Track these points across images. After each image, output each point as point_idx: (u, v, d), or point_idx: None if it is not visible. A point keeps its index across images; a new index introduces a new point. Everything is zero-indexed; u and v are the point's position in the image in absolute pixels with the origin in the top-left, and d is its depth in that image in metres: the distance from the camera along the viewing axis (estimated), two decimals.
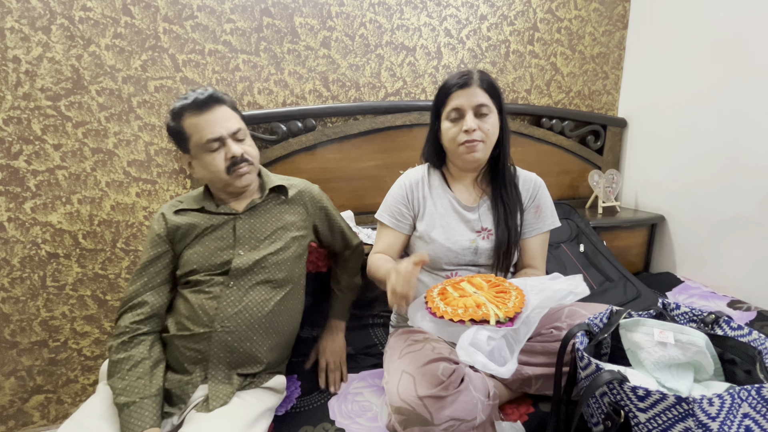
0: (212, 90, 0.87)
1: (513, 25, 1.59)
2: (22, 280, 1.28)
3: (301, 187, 1.01)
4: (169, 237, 0.89)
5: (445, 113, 0.91)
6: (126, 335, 0.81)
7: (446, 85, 0.91)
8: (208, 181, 0.93)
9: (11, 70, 1.17)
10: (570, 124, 1.68)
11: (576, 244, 1.44)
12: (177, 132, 0.87)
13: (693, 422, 0.56)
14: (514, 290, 0.74)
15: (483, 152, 0.91)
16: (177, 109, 0.86)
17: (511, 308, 0.68)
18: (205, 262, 0.87)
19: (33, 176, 1.24)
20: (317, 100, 1.46)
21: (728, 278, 1.40)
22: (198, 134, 0.85)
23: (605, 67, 1.75)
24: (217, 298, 0.84)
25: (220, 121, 0.86)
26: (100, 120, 1.27)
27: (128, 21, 1.24)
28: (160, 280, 0.88)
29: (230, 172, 0.87)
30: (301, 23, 1.39)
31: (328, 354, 1.02)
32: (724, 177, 1.38)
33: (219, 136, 0.85)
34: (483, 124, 0.88)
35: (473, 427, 0.74)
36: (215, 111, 0.86)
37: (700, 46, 1.42)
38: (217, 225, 0.90)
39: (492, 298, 0.71)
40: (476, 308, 0.68)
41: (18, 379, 1.33)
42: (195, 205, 0.92)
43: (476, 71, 0.90)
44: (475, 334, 0.65)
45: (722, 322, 0.76)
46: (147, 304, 0.85)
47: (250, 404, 0.80)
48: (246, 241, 0.90)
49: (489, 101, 0.89)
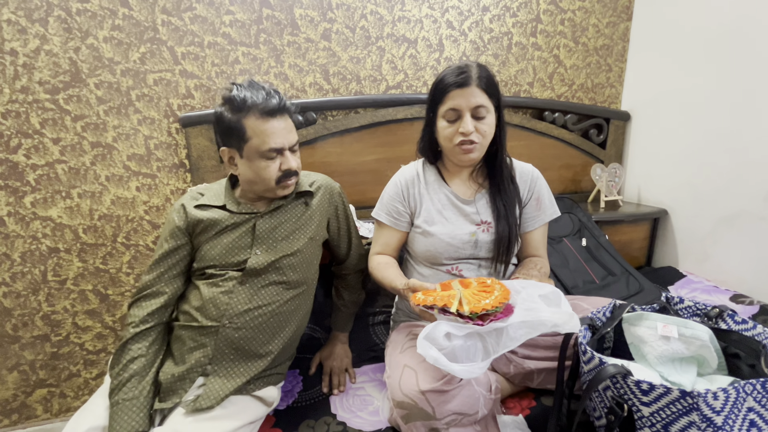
0: (284, 98, 0.85)
1: (516, 17, 1.57)
2: (23, 275, 1.28)
3: (322, 183, 1.00)
4: (188, 230, 0.88)
5: (442, 112, 0.89)
6: (136, 326, 0.81)
7: (443, 82, 0.87)
8: (249, 181, 0.89)
9: (8, 63, 1.16)
10: (573, 118, 1.67)
11: (578, 239, 1.43)
12: (235, 128, 0.82)
13: (697, 416, 0.56)
14: (498, 292, 0.69)
15: (479, 152, 0.91)
16: (240, 102, 0.81)
17: (479, 305, 0.65)
18: (222, 260, 0.87)
19: (32, 170, 1.23)
20: (318, 93, 1.45)
21: (731, 272, 1.39)
22: (260, 139, 0.82)
23: (609, 59, 1.73)
24: (230, 293, 0.84)
25: (285, 132, 0.85)
26: (99, 113, 1.26)
27: (126, 13, 1.22)
28: (176, 271, 0.88)
29: (279, 182, 0.87)
30: (301, 15, 1.37)
31: (331, 360, 1.02)
32: (728, 171, 1.37)
33: (281, 147, 0.84)
34: (480, 126, 0.87)
35: (475, 421, 0.74)
36: (282, 120, 0.84)
37: (705, 38, 1.40)
38: (239, 223, 0.89)
39: (470, 294, 0.69)
40: (448, 298, 0.68)
41: (21, 374, 1.34)
42: (217, 202, 0.90)
43: (474, 67, 0.87)
44: (434, 328, 0.64)
45: (726, 316, 0.76)
46: (161, 294, 0.85)
47: (231, 414, 0.77)
48: (264, 240, 0.89)
49: (487, 101, 0.86)
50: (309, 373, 1.03)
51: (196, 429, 0.72)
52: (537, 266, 0.94)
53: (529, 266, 0.95)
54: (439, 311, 0.67)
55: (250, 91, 0.82)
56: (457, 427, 0.72)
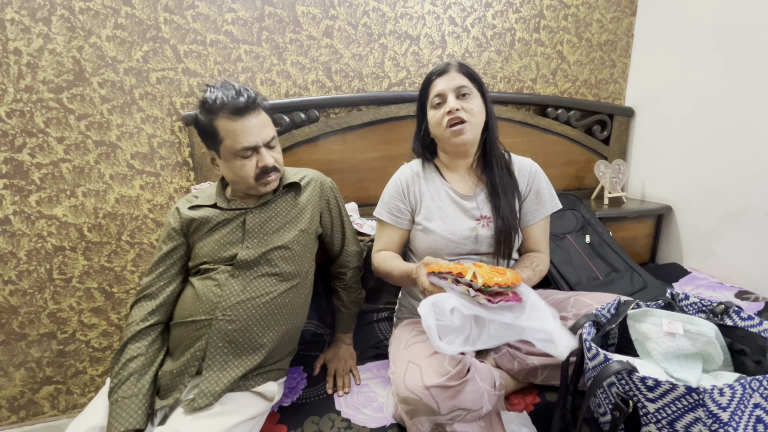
0: (253, 93, 0.84)
1: (519, 13, 1.56)
2: (29, 273, 1.29)
3: (313, 177, 1.02)
4: (183, 230, 0.91)
5: (430, 103, 0.94)
6: (136, 325, 0.83)
7: (427, 77, 0.95)
8: (231, 181, 0.92)
9: (12, 62, 1.16)
10: (576, 114, 1.66)
11: (582, 235, 1.43)
12: (208, 130, 0.84)
13: (703, 412, 0.56)
14: (510, 275, 0.70)
15: (470, 133, 0.91)
16: (211, 103, 0.81)
17: (493, 280, 0.65)
18: (215, 255, 0.88)
19: (37, 169, 1.24)
20: (320, 91, 1.45)
21: (736, 269, 1.38)
22: (232, 139, 0.83)
23: (613, 55, 1.71)
24: (222, 286, 0.84)
25: (257, 130, 0.84)
26: (103, 112, 1.26)
27: (129, 11, 1.22)
28: (174, 271, 0.90)
29: (258, 180, 0.88)
30: (303, 12, 1.37)
31: (335, 362, 1.02)
32: (733, 167, 1.36)
33: (254, 145, 0.84)
34: (466, 104, 0.90)
35: (479, 416, 0.74)
36: (253, 117, 0.84)
37: (710, 33, 1.39)
38: (229, 219, 0.91)
39: (484, 272, 0.69)
40: (463, 268, 0.68)
41: (28, 371, 1.35)
42: (208, 202, 0.93)
43: (454, 60, 0.95)
44: (444, 299, 0.65)
45: (732, 312, 0.75)
46: (160, 294, 0.87)
47: (231, 411, 0.77)
48: (254, 235, 0.90)
49: (469, 83, 0.91)
50: (313, 374, 1.02)
51: (196, 427, 0.72)
52: (533, 263, 0.93)
53: (524, 263, 0.95)
54: (453, 281, 0.68)
55: (221, 91, 0.82)
56: (462, 423, 0.72)
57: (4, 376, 1.33)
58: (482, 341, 0.67)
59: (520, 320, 0.65)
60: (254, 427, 0.80)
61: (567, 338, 0.63)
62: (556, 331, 0.64)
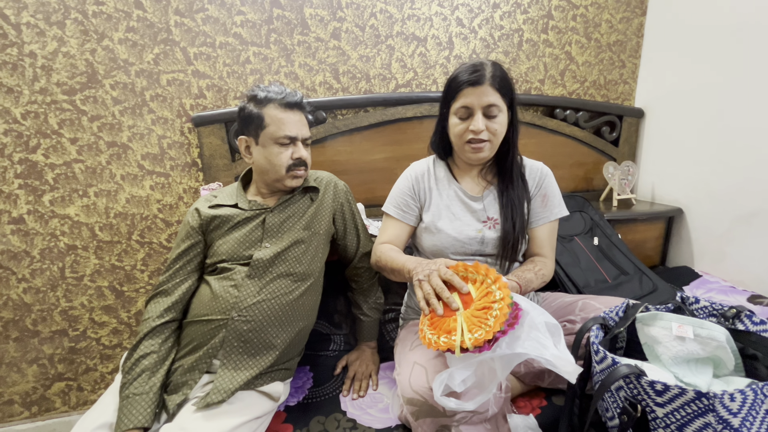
0: (303, 98, 0.96)
1: (527, 13, 1.55)
2: (42, 271, 1.32)
3: (326, 179, 1.05)
4: (202, 228, 0.94)
5: (454, 108, 0.89)
6: (152, 321, 0.84)
7: (457, 79, 0.88)
8: (261, 170, 0.96)
9: (28, 65, 1.19)
10: (585, 115, 1.65)
11: (590, 237, 1.41)
12: (254, 116, 0.92)
13: (713, 418, 0.55)
14: (497, 308, 0.64)
15: (489, 152, 0.90)
16: (263, 96, 0.91)
17: (481, 338, 0.62)
18: (233, 253, 0.90)
19: (51, 170, 1.27)
20: (327, 92, 1.46)
21: (748, 272, 1.36)
22: (276, 126, 0.91)
23: (622, 55, 1.70)
24: (239, 286, 0.86)
25: (299, 125, 0.94)
26: (115, 114, 1.28)
27: (140, 14, 1.24)
28: (190, 268, 0.92)
29: (289, 171, 0.94)
30: (311, 14, 1.38)
31: (357, 364, 1.03)
32: (745, 169, 1.33)
33: (294, 136, 0.93)
34: (491, 125, 0.87)
35: (485, 419, 0.73)
36: (298, 114, 0.94)
37: (721, 33, 1.37)
38: (250, 218, 0.94)
39: (470, 317, 0.66)
40: (449, 335, 0.65)
41: (40, 367, 1.38)
42: (229, 201, 0.96)
43: (489, 65, 0.87)
44: (449, 378, 0.64)
45: (744, 316, 0.74)
46: (175, 291, 0.89)
47: (238, 410, 0.78)
48: (273, 234, 0.93)
49: (499, 100, 0.86)
50: (334, 373, 1.03)
51: (203, 425, 0.73)
52: (536, 267, 0.91)
53: (527, 266, 0.92)
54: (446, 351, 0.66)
55: (275, 87, 0.94)
56: (467, 425, 0.72)
57: (18, 372, 1.36)
58: (497, 378, 0.66)
59: (521, 347, 0.62)
60: (260, 427, 0.81)
61: (570, 365, 0.61)
62: (557, 360, 0.61)
